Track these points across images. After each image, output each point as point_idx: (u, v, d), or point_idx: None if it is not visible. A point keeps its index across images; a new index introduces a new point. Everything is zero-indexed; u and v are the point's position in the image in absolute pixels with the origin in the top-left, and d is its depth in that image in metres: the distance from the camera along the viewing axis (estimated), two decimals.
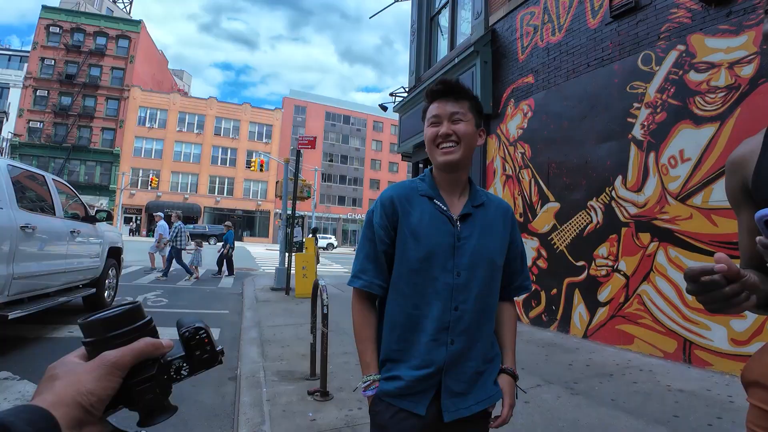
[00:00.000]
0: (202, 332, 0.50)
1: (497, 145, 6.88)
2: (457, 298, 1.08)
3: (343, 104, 52.35)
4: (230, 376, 3.75)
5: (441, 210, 1.12)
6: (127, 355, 0.45)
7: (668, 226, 4.28)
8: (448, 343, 1.06)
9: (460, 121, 1.11)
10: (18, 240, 3.71)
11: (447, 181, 1.15)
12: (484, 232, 1.13)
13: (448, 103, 1.12)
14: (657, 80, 4.51)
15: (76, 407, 0.40)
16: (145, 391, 0.46)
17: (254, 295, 7.97)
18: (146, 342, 0.46)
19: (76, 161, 35.08)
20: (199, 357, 0.49)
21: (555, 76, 5.86)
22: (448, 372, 1.06)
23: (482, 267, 1.10)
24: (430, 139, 1.13)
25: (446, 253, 1.08)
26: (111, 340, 0.45)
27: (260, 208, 42.08)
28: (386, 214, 1.13)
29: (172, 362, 0.48)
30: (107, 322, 0.46)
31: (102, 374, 0.43)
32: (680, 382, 3.55)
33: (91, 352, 0.45)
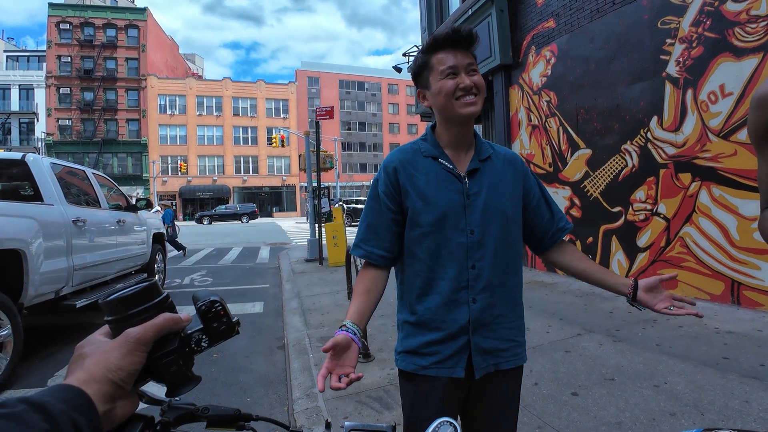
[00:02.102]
0: (217, 305, 0.52)
1: (520, 95, 6.63)
2: (473, 256, 1.05)
3: (355, 70, 51.19)
4: (278, 345, 3.98)
5: (447, 168, 1.08)
6: (149, 330, 0.47)
7: (711, 165, 4.08)
8: (469, 302, 1.04)
9: (475, 72, 1.05)
10: (72, 233, 3.95)
11: (455, 137, 1.10)
12: (494, 185, 1.08)
13: (460, 53, 1.04)
14: (691, 13, 4.17)
15: (107, 383, 0.42)
16: (170, 364, 0.48)
17: (290, 267, 8.26)
18: (166, 317, 0.49)
19: (108, 154, 36.33)
20: (217, 328, 0.51)
21: (578, 17, 5.51)
22: (475, 331, 1.05)
23: (495, 221, 1.06)
24: (448, 93, 1.04)
25: (457, 212, 1.05)
26: (132, 317, 0.47)
27: (286, 183, 42.69)
28: (390, 181, 1.09)
29: (192, 335, 0.50)
30: (127, 300, 0.48)
31: (128, 350, 0.45)
32: (729, 324, 3.50)
33: (114, 330, 0.47)
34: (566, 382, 2.66)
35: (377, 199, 1.11)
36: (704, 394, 2.39)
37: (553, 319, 3.85)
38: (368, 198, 1.16)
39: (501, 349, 1.09)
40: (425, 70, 1.09)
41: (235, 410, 0.57)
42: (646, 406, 2.32)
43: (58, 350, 3.86)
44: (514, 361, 1.11)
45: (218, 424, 0.56)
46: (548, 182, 6.12)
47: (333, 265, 7.94)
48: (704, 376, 2.60)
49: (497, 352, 1.09)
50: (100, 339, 0.47)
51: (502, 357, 1.09)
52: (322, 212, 9.09)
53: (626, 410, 2.28)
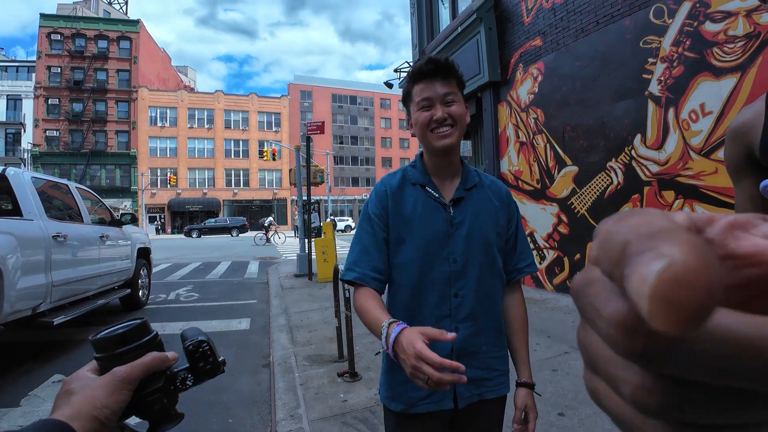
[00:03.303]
0: (204, 345, 0.53)
1: (508, 112, 6.73)
2: (455, 284, 1.06)
3: (348, 85, 51.68)
4: (264, 363, 3.90)
5: (433, 197, 1.09)
6: (136, 370, 0.48)
7: (693, 182, 4.16)
8: (452, 331, 1.04)
9: (453, 103, 1.05)
10: (52, 249, 3.87)
11: (440, 166, 1.11)
12: (478, 214, 1.09)
13: (437, 83, 1.05)
14: (671, 33, 4.30)
15: (92, 420, 0.44)
16: (154, 402, 0.49)
17: (279, 282, 8.16)
18: (153, 357, 0.50)
19: (96, 166, 35.91)
20: (203, 368, 0.53)
21: (563, 36, 5.64)
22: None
23: (478, 250, 1.07)
24: (423, 125, 1.06)
25: (441, 241, 1.06)
26: (121, 356, 0.49)
27: (277, 197, 42.52)
28: (382, 204, 1.11)
29: (177, 374, 0.52)
30: (116, 339, 0.49)
31: (114, 389, 0.46)
32: None
33: (102, 367, 0.49)
34: (553, 402, 2.63)
35: (369, 221, 1.11)
36: None
37: (540, 337, 3.83)
38: (360, 220, 1.16)
39: (485, 379, 1.08)
40: (408, 99, 1.12)
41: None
42: None
43: (34, 368, 3.74)
44: (498, 390, 1.11)
45: None
46: (536, 199, 6.18)
47: (322, 281, 7.87)
48: None
49: (481, 382, 1.08)
50: (87, 375, 0.48)
51: (485, 386, 1.09)
52: (311, 227, 9.05)
53: (613, 430, 2.26)
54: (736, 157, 0.84)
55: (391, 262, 1.10)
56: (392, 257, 1.10)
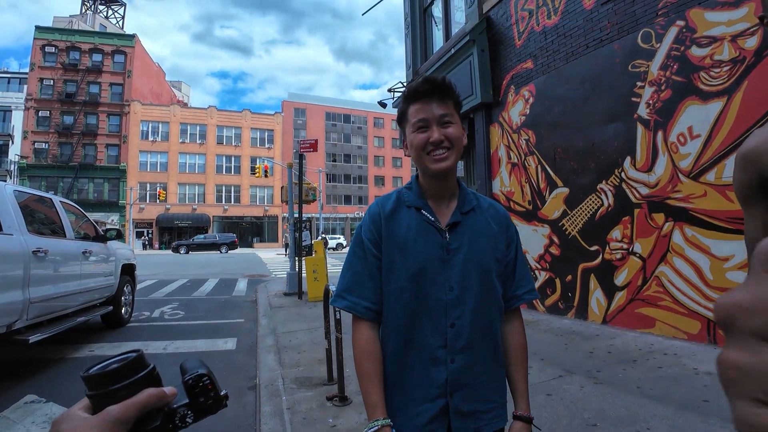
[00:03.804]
0: (205, 378, 0.49)
1: (500, 133, 6.80)
2: (452, 313, 1.00)
3: (342, 103, 52.25)
4: (249, 385, 3.76)
5: (429, 221, 1.04)
6: (131, 409, 0.44)
7: (682, 205, 4.19)
8: (447, 362, 0.99)
9: (449, 124, 1.02)
10: (31, 264, 3.74)
11: (436, 188, 1.07)
12: (475, 239, 1.04)
13: (434, 104, 1.02)
14: (659, 57, 4.40)
15: None
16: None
17: (268, 301, 8.00)
18: (150, 394, 0.46)
19: (84, 179, 35.48)
20: (204, 403, 0.49)
21: (554, 59, 5.76)
22: (454, 392, 0.99)
23: (476, 278, 1.02)
24: (418, 147, 1.02)
25: (436, 267, 1.01)
26: (114, 393, 0.45)
27: (268, 214, 42.27)
28: (375, 228, 1.06)
29: (176, 410, 0.48)
30: (109, 375, 0.45)
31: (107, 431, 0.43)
32: (707, 364, 3.48)
33: (95, 405, 0.45)
34: (548, 428, 2.55)
35: (362, 246, 1.07)
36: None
37: (534, 360, 3.76)
38: (352, 244, 1.11)
39: (482, 411, 1.03)
40: (404, 120, 1.08)
41: None
42: None
43: (5, 387, 3.55)
44: (495, 423, 1.05)
45: None
46: (528, 220, 6.18)
47: (312, 300, 7.73)
48: (686, 421, 2.54)
49: (478, 414, 1.02)
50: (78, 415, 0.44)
51: (482, 420, 1.02)
52: (303, 245, 8.94)
53: None
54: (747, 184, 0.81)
55: (384, 289, 1.05)
56: (385, 283, 1.04)
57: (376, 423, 0.95)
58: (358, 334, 1.05)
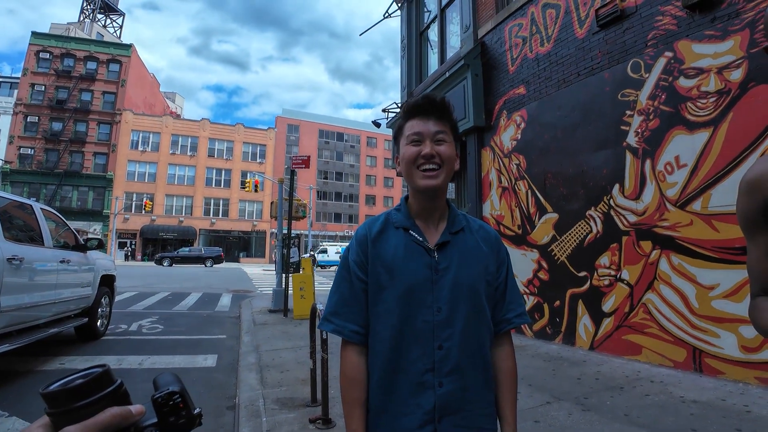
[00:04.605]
0: (176, 396, 0.46)
1: (492, 157, 6.87)
2: (440, 335, 0.98)
3: (335, 121, 52.70)
4: (228, 405, 3.61)
5: (417, 241, 1.03)
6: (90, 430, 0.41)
7: (669, 233, 4.24)
8: (435, 386, 0.97)
9: (443, 142, 1.03)
10: (4, 272, 3.59)
11: (425, 208, 1.06)
12: (465, 260, 1.03)
13: (430, 121, 1.03)
14: (647, 87, 4.53)
15: None
16: None
17: (252, 317, 7.80)
18: (113, 414, 0.42)
19: (68, 187, 34.81)
20: (174, 422, 0.46)
21: (546, 86, 5.89)
22: (442, 418, 0.96)
23: (465, 299, 1.00)
24: (410, 160, 1.03)
25: (424, 288, 0.99)
26: (76, 412, 0.41)
27: (256, 229, 41.82)
28: (362, 250, 1.05)
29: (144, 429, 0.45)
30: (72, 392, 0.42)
31: None
32: (693, 392, 3.45)
33: (56, 423, 0.42)
34: None
35: (348, 270, 1.06)
36: None
37: (522, 385, 3.69)
38: (339, 268, 1.11)
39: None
40: (399, 135, 1.09)
41: None
42: None
43: None
44: None
45: None
46: (517, 244, 6.20)
47: (298, 318, 7.57)
48: None
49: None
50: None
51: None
52: (290, 262, 8.81)
53: None
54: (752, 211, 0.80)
55: (371, 311, 1.03)
56: (372, 305, 1.03)
57: None
58: (344, 359, 1.04)
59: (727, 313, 3.73)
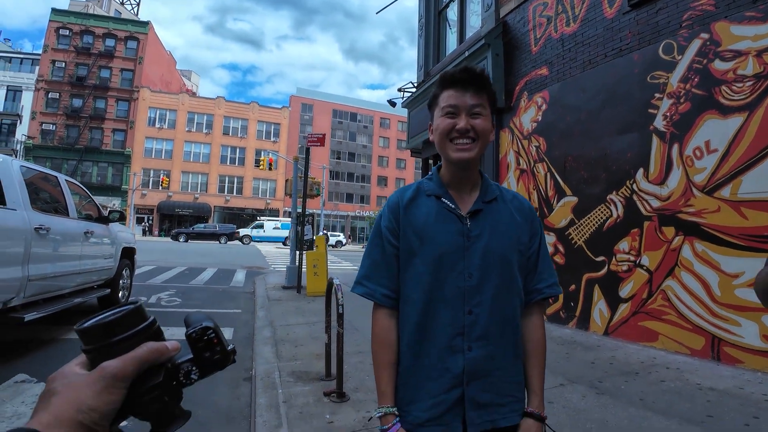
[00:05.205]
0: (210, 332, 0.46)
1: (510, 138, 6.74)
2: (470, 301, 1.00)
3: (349, 101, 52.24)
4: (245, 376, 3.71)
5: (449, 208, 1.04)
6: (128, 365, 0.41)
7: (694, 220, 4.13)
8: (464, 350, 0.98)
9: (479, 116, 1.01)
10: (32, 241, 3.70)
11: (457, 178, 1.07)
12: (497, 228, 1.03)
13: (468, 93, 1.01)
14: (680, 70, 4.35)
15: (76, 426, 0.37)
16: (153, 401, 0.42)
17: (266, 293, 7.95)
18: (149, 348, 0.43)
19: (88, 162, 35.52)
20: (210, 358, 0.45)
21: (570, 67, 5.71)
22: (470, 382, 0.98)
23: (496, 267, 1.01)
24: (443, 132, 1.02)
25: (455, 254, 1.01)
26: (111, 347, 0.42)
27: (269, 207, 42.23)
28: (394, 217, 1.07)
29: (180, 366, 0.44)
30: (106, 327, 0.42)
31: (102, 388, 0.39)
32: (710, 380, 3.42)
33: (92, 360, 0.42)
34: None
35: (380, 236, 1.08)
36: None
37: None
38: (371, 235, 1.13)
39: (498, 404, 1.00)
40: (433, 104, 1.08)
41: None
42: None
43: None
44: (512, 418, 1.02)
45: None
46: None
47: (311, 295, 7.69)
48: None
49: (494, 408, 1.00)
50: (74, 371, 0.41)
51: (499, 413, 1.00)
52: (304, 239, 8.89)
53: None
54: None
55: (402, 276, 1.05)
56: (403, 271, 1.05)
57: (381, 410, 0.99)
58: (376, 322, 1.07)
59: (750, 302, 3.65)
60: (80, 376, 0.40)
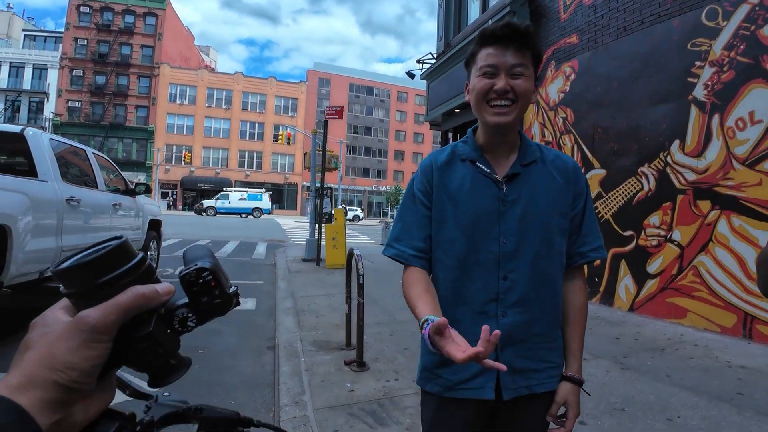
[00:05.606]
0: (206, 274, 0.40)
1: (535, 110, 6.51)
2: (505, 266, 0.97)
3: (366, 75, 51.33)
4: (268, 345, 3.81)
5: (484, 173, 1.00)
6: (110, 313, 0.34)
7: (733, 193, 3.94)
8: (498, 316, 0.96)
9: (520, 76, 0.94)
10: (64, 213, 3.81)
11: (493, 141, 1.02)
12: (536, 192, 0.99)
13: (509, 51, 0.93)
14: (724, 36, 4.05)
15: (51, 387, 0.31)
16: (144, 352, 0.37)
17: (286, 265, 8.10)
18: (135, 293, 0.36)
19: (113, 139, 36.30)
20: (207, 303, 0.40)
21: (603, 35, 5.40)
22: (504, 347, 0.96)
23: (535, 232, 0.97)
24: (480, 93, 0.96)
25: (490, 219, 0.97)
26: (94, 291, 0.35)
27: (288, 181, 42.61)
28: (427, 179, 1.03)
29: (174, 313, 0.39)
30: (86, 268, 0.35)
31: (81, 343, 0.33)
32: (741, 358, 3.33)
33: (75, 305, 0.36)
34: None
35: (413, 198, 1.05)
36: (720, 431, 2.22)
37: None
38: (404, 197, 1.10)
39: (534, 370, 0.99)
40: (471, 62, 1.01)
41: (234, 413, 0.47)
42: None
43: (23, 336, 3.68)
44: (549, 384, 1.00)
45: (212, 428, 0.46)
46: None
47: (330, 267, 7.79)
48: (719, 412, 2.44)
49: (530, 373, 0.98)
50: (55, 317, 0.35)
51: (535, 379, 0.99)
52: (323, 212, 8.95)
53: None
54: None
55: (434, 240, 1.02)
56: (435, 234, 1.02)
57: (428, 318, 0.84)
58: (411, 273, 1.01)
59: None
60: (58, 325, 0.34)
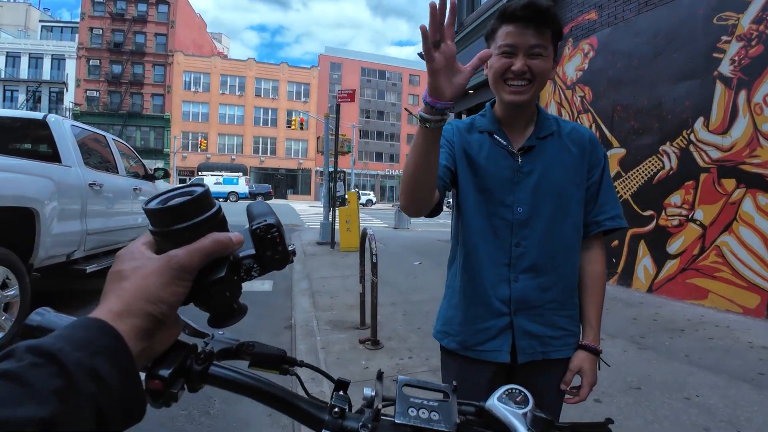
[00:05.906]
0: (273, 230, 0.43)
1: (552, 89, 6.36)
2: (518, 234, 0.99)
3: (378, 59, 50.69)
4: (285, 325, 3.90)
5: (501, 145, 1.02)
6: (195, 256, 0.38)
7: (759, 171, 3.81)
8: (510, 281, 0.99)
9: (539, 56, 0.94)
10: (88, 197, 3.91)
11: (511, 116, 1.04)
12: (551, 164, 1.01)
13: (529, 31, 0.93)
14: (753, 9, 3.87)
15: (145, 317, 0.35)
16: (215, 294, 0.41)
17: (302, 249, 8.20)
18: (216, 240, 0.40)
19: (132, 127, 36.89)
20: (271, 257, 0.43)
21: (623, 10, 5.21)
22: (518, 312, 0.99)
23: (549, 202, 0.99)
24: (498, 72, 0.96)
25: (504, 188, 1.00)
26: (178, 233, 0.39)
27: (302, 167, 42.81)
28: (455, 130, 1.05)
29: (242, 261, 0.42)
30: (176, 211, 0.39)
31: (170, 279, 0.37)
32: (764, 339, 3.27)
33: (158, 243, 0.40)
34: None
35: None
36: (740, 411, 2.21)
37: None
38: None
39: (551, 337, 1.01)
40: (490, 38, 1.01)
41: (281, 351, 0.51)
42: (676, 418, 2.15)
43: None
44: (566, 351, 1.02)
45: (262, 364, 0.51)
46: None
47: (344, 250, 7.86)
48: (739, 392, 2.42)
49: (546, 339, 1.00)
50: (142, 252, 0.39)
51: (552, 345, 1.01)
52: (336, 196, 8.98)
53: (655, 422, 2.12)
54: None
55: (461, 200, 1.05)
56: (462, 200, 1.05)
57: None
58: None
59: None
60: (150, 261, 0.38)
